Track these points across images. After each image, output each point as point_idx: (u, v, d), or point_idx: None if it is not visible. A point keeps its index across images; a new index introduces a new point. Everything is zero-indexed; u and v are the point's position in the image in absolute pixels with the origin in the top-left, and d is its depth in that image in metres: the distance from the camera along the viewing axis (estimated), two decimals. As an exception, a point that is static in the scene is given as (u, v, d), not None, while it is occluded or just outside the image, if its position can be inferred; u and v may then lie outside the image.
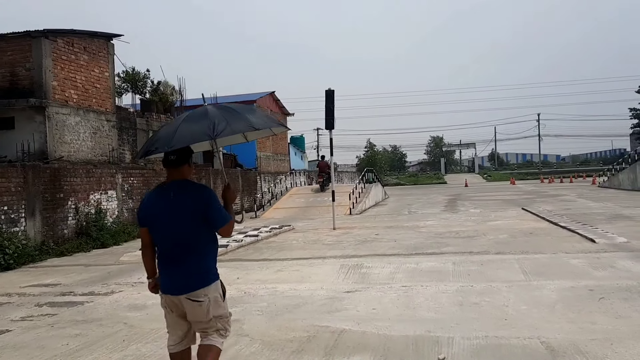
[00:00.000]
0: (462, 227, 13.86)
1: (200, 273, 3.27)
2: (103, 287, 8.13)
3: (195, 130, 3.21)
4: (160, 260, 3.36)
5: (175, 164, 3.31)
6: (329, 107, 14.94)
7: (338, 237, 13.14)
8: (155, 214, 3.31)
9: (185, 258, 3.26)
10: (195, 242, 3.27)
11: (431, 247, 10.54)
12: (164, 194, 3.32)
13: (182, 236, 3.25)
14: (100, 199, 14.55)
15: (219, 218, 3.28)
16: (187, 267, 3.25)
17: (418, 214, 19.25)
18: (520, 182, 52.20)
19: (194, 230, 3.26)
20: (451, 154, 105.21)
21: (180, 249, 3.26)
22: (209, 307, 3.27)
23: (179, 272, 3.26)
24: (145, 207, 3.39)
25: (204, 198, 3.27)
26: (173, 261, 3.27)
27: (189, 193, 3.28)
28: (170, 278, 3.29)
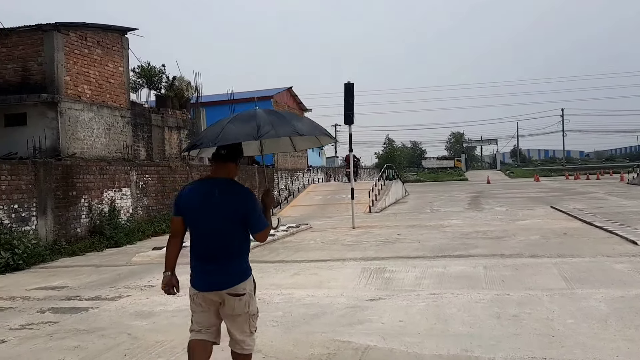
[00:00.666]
0: (489, 227, 13.18)
1: (239, 270, 3.32)
2: (111, 290, 7.69)
3: (241, 130, 3.25)
4: (197, 256, 3.35)
5: (224, 159, 3.34)
6: (348, 101, 14.36)
7: (358, 237, 12.57)
8: (197, 207, 3.29)
9: (225, 256, 3.28)
10: (235, 241, 3.30)
11: (458, 248, 9.92)
12: (208, 188, 3.31)
13: (223, 234, 3.27)
14: (114, 197, 14.18)
15: (258, 224, 3.32)
16: (227, 264, 3.28)
17: (441, 212, 18.57)
18: (544, 178, 50.92)
19: (234, 230, 3.28)
20: (472, 150, 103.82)
21: (221, 246, 3.27)
22: (247, 300, 3.32)
23: (219, 270, 3.27)
24: (186, 198, 3.36)
25: (247, 201, 3.31)
26: (212, 258, 3.28)
27: (233, 193, 3.29)
28: (208, 275, 3.28)
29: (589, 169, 64.41)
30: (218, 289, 3.26)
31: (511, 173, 69.72)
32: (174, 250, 3.45)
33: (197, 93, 20.78)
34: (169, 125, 18.32)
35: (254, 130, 3.19)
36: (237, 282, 3.28)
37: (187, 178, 18.13)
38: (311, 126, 3.63)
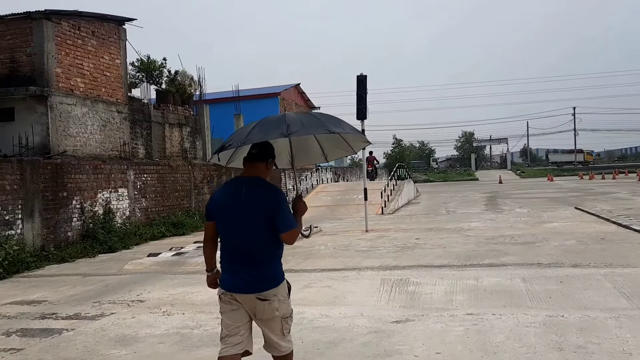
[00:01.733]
0: (514, 230, 12.10)
1: (270, 274, 3.20)
2: (93, 306, 6.69)
3: (270, 129, 3.18)
4: (226, 257, 3.25)
5: (254, 159, 3.26)
6: (360, 94, 13.32)
7: (372, 241, 11.52)
8: (224, 207, 3.21)
9: (255, 258, 3.16)
10: (265, 242, 3.17)
11: (487, 256, 8.85)
12: (235, 188, 3.24)
13: (252, 236, 3.16)
14: (109, 198, 13.22)
15: (286, 223, 3.16)
16: (257, 268, 3.16)
17: (458, 214, 17.48)
18: (557, 178, 49.60)
19: (264, 231, 3.15)
20: (481, 149, 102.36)
21: (250, 248, 3.16)
22: (277, 306, 3.18)
23: (249, 273, 3.15)
24: (215, 200, 3.30)
25: (274, 199, 3.18)
26: (241, 260, 3.18)
27: (260, 192, 3.19)
28: (238, 277, 3.17)
29: (602, 168, 63.00)
30: (246, 291, 3.15)
31: (522, 173, 68.36)
32: (210, 253, 3.39)
33: (200, 89, 19.80)
34: (170, 122, 17.35)
35: (283, 129, 3.09)
36: (267, 287, 3.15)
37: (189, 178, 17.17)
38: (345, 126, 3.43)
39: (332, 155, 4.06)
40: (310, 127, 3.25)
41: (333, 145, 3.85)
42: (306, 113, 3.61)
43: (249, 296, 3.15)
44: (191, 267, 9.14)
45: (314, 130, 3.31)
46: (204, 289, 7.36)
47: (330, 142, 3.79)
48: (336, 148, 3.90)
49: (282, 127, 3.10)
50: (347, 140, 3.74)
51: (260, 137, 3.16)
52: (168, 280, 8.20)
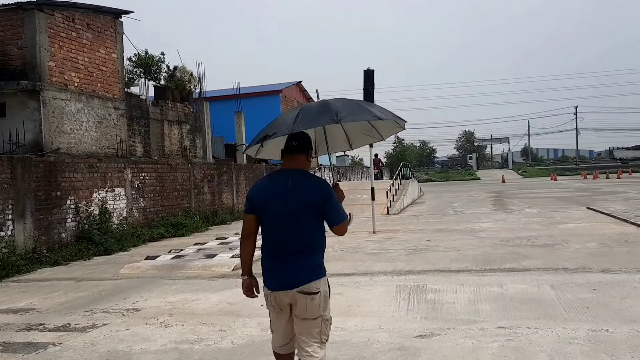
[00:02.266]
0: (530, 232, 11.56)
1: (314, 266, 3.06)
2: (85, 316, 6.13)
3: (318, 116, 3.07)
4: (269, 254, 3.11)
5: (295, 151, 3.11)
6: (367, 89, 12.78)
7: (381, 243, 10.98)
8: (269, 201, 3.06)
9: (300, 251, 3.03)
10: (311, 235, 3.05)
11: (506, 259, 8.31)
12: (279, 181, 3.08)
13: (298, 228, 3.02)
14: (106, 198, 12.66)
15: (337, 215, 3.06)
16: (302, 260, 3.02)
17: (466, 214, 16.94)
18: (560, 178, 49.12)
19: (313, 225, 3.04)
20: (482, 149, 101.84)
21: (295, 241, 3.03)
22: (321, 301, 3.04)
23: (293, 266, 3.01)
24: (257, 194, 3.14)
25: (323, 191, 3.06)
26: (285, 255, 3.04)
27: (308, 184, 3.07)
28: (282, 273, 3.04)
29: (604, 167, 62.51)
30: (289, 287, 3.01)
31: (524, 172, 67.89)
32: (249, 251, 3.22)
33: (200, 85, 19.25)
34: (169, 119, 16.80)
35: (333, 115, 2.99)
36: (310, 279, 3.02)
37: (189, 177, 16.62)
38: (385, 111, 3.33)
39: (357, 143, 3.91)
40: (358, 114, 3.15)
41: (360, 132, 3.71)
42: (344, 98, 3.34)
43: (291, 293, 3.01)
44: (191, 272, 8.60)
45: (361, 117, 3.18)
46: (205, 296, 6.86)
47: (358, 129, 3.65)
48: (363, 135, 3.77)
49: (330, 114, 3.00)
50: (377, 127, 3.63)
51: (309, 125, 3.08)
52: (166, 286, 7.65)
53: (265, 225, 3.11)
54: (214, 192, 18.30)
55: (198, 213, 16.62)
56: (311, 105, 3.29)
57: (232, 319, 5.62)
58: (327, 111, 3.06)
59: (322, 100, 3.32)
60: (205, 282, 7.78)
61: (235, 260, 8.98)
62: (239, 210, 19.85)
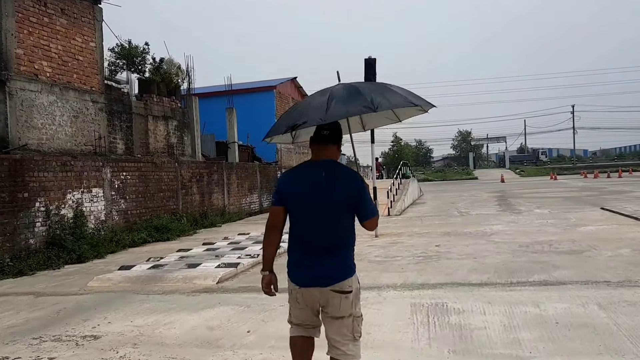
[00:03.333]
0: (548, 235, 10.49)
1: (346, 264, 2.94)
2: (31, 345, 4.98)
3: (351, 104, 2.84)
4: (300, 248, 2.95)
5: (325, 141, 2.96)
6: (369, 79, 11.66)
7: (386, 249, 9.88)
8: (304, 193, 2.89)
9: (333, 249, 2.90)
10: (343, 230, 2.92)
11: (533, 269, 7.22)
12: (312, 172, 2.91)
13: (331, 222, 2.89)
14: (81, 200, 11.50)
15: (370, 209, 2.95)
16: (336, 256, 2.90)
17: (472, 215, 15.87)
18: (560, 177, 48.22)
19: (342, 218, 2.90)
20: (479, 148, 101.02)
21: (328, 236, 2.89)
22: (354, 298, 2.93)
23: (323, 263, 2.88)
24: (289, 185, 2.97)
25: (358, 185, 2.92)
26: (317, 250, 2.89)
27: (342, 177, 2.91)
28: (311, 269, 2.89)
29: (601, 167, 61.91)
30: (322, 285, 2.87)
31: (522, 172, 67.09)
32: (273, 245, 3.02)
33: (189, 79, 18.08)
34: (154, 114, 15.63)
35: (367, 102, 2.78)
36: (344, 277, 2.88)
37: (175, 176, 15.47)
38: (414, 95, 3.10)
39: (370, 124, 3.74)
40: (392, 98, 2.94)
41: (374, 116, 3.39)
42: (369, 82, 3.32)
43: (324, 290, 2.88)
44: (169, 285, 7.46)
45: (396, 102, 2.96)
46: (181, 318, 5.70)
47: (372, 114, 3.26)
48: (378, 116, 3.49)
49: (366, 100, 2.79)
50: (397, 110, 3.34)
51: (342, 114, 2.86)
52: (137, 303, 6.51)
53: (298, 218, 2.95)
54: (203, 192, 17.16)
55: (185, 215, 15.49)
56: (338, 89, 2.99)
57: (210, 352, 4.48)
58: (359, 97, 2.84)
59: (351, 85, 3.02)
60: (184, 299, 6.64)
61: (221, 271, 7.85)
62: (229, 212, 18.72)
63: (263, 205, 21.78)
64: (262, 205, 21.78)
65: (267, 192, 22.38)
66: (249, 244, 10.80)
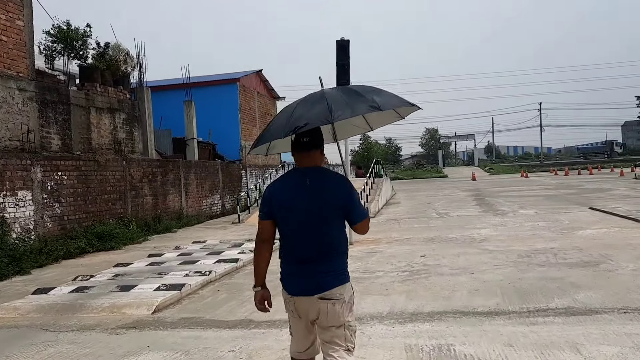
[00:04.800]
0: (546, 242, 9.20)
1: (337, 271, 2.81)
2: None
3: (311, 113, 2.73)
4: (292, 258, 2.84)
5: (309, 147, 2.84)
6: (342, 64, 10.17)
7: (364, 260, 8.41)
8: (290, 203, 2.79)
9: (324, 255, 2.77)
10: (335, 237, 2.81)
11: (548, 290, 5.83)
12: (297, 181, 2.82)
13: (322, 230, 2.76)
14: (4, 204, 9.69)
15: (360, 212, 2.86)
16: (325, 265, 2.77)
17: (453, 217, 14.56)
18: (530, 174, 47.82)
19: (335, 224, 2.80)
20: (447, 146, 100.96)
21: (318, 245, 2.77)
22: (344, 307, 2.80)
23: (315, 271, 2.76)
24: (276, 196, 2.84)
25: (346, 188, 2.84)
26: (308, 259, 2.77)
27: (328, 181, 2.84)
28: (303, 278, 2.79)
29: (568, 164, 62.19)
30: (310, 293, 2.76)
31: (491, 169, 66.94)
32: (265, 260, 2.90)
33: (140, 67, 16.25)
34: (97, 105, 13.79)
35: (326, 112, 2.67)
36: (333, 285, 2.77)
37: (123, 176, 13.70)
38: (391, 97, 2.94)
39: (377, 124, 3.51)
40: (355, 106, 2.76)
41: (377, 114, 3.07)
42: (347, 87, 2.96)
43: (312, 299, 2.75)
44: (90, 316, 5.80)
45: (359, 110, 2.80)
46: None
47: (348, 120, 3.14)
48: (381, 117, 3.27)
49: (325, 109, 2.67)
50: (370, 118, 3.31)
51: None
52: (39, 347, 4.85)
53: (287, 229, 2.82)
54: (157, 194, 15.41)
55: (135, 220, 13.73)
56: (307, 99, 2.88)
57: None
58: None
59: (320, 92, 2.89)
60: (104, 339, 5.01)
61: (160, 296, 6.23)
62: (188, 215, 16.99)
63: (226, 207, 20.09)
64: (225, 207, 20.09)
65: (230, 193, 20.69)
66: (201, 256, 9.17)
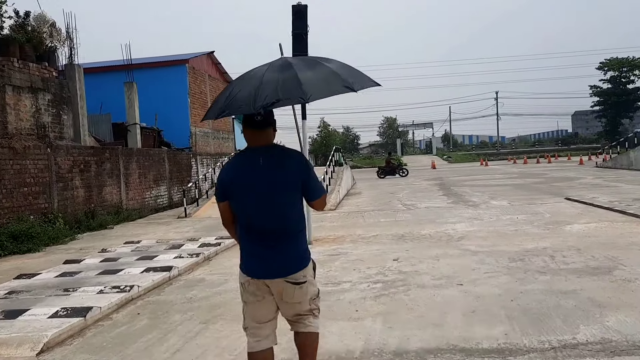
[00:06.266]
0: (534, 240, 8.01)
1: (298, 254, 2.81)
2: None
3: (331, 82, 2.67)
4: (248, 239, 2.81)
5: (261, 125, 2.77)
6: (299, 34, 8.65)
7: (325, 265, 6.97)
8: (243, 184, 2.74)
9: (282, 237, 2.76)
10: (292, 217, 2.78)
11: (565, 311, 4.53)
12: (250, 160, 2.76)
13: (281, 212, 2.74)
14: None
15: (317, 187, 2.83)
16: (285, 247, 2.77)
17: (422, 210, 13.31)
18: (490, 163, 47.63)
19: (290, 203, 2.77)
20: (405, 135, 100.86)
21: (276, 225, 2.74)
22: (307, 288, 2.84)
23: (276, 253, 2.75)
24: (227, 177, 2.81)
25: (301, 164, 2.78)
26: (267, 240, 2.75)
27: (282, 159, 2.76)
28: (264, 260, 2.76)
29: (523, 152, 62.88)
30: (275, 276, 2.75)
31: (449, 158, 67.01)
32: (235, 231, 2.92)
33: (70, 43, 14.27)
34: (14, 83, 11.82)
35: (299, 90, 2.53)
36: (297, 268, 2.78)
37: (47, 165, 11.84)
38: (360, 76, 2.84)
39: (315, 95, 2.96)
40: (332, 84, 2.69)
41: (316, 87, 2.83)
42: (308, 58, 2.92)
43: (277, 281, 2.75)
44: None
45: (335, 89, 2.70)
46: None
47: None
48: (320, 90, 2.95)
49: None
50: None
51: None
52: None
53: (243, 209, 2.78)
54: (91, 185, 13.57)
55: (63, 216, 11.93)
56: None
57: None
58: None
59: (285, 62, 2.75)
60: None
61: (54, 326, 4.62)
62: (128, 209, 15.20)
63: (173, 199, 18.32)
64: (172, 199, 18.32)
65: (178, 183, 18.91)
66: (129, 263, 7.54)
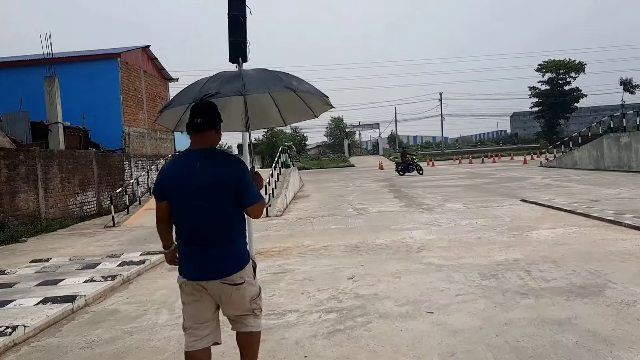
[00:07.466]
0: (501, 250, 7.18)
1: (235, 256, 2.82)
2: None
3: (225, 87, 2.84)
4: (184, 241, 2.85)
5: (201, 128, 2.83)
6: (236, 17, 7.42)
7: (269, 290, 5.84)
8: (180, 186, 2.80)
9: (218, 239, 2.79)
10: (227, 220, 2.80)
11: (568, 351, 3.60)
12: (188, 163, 2.81)
13: (213, 213, 2.77)
14: None
15: (252, 195, 2.83)
16: (221, 250, 2.79)
17: (374, 214, 12.35)
18: (436, 163, 47.70)
19: (227, 208, 2.78)
20: (352, 135, 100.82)
21: (211, 228, 2.78)
22: (245, 289, 2.85)
23: (211, 256, 2.78)
24: (166, 178, 2.87)
25: (238, 170, 2.82)
26: (202, 243, 2.78)
27: (219, 163, 2.80)
28: (199, 262, 2.79)
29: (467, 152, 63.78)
30: (210, 278, 2.78)
31: (396, 158, 66.91)
32: (164, 232, 3.00)
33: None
34: None
35: (239, 85, 2.81)
36: (233, 270, 2.80)
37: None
38: (308, 85, 3.13)
39: (291, 119, 3.75)
40: (270, 83, 2.98)
41: (292, 107, 3.49)
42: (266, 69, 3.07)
43: (214, 282, 2.77)
44: None
45: (274, 87, 3.00)
46: None
47: (289, 104, 3.45)
48: (295, 110, 3.55)
49: (239, 84, 2.82)
50: (307, 102, 3.40)
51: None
52: None
53: (179, 210, 2.81)
54: (1, 193, 11.87)
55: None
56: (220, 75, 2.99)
57: None
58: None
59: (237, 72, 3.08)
60: None
61: None
62: (48, 218, 13.51)
63: (102, 206, 16.65)
64: (102, 205, 16.65)
65: (109, 188, 17.24)
66: (26, 289, 6.13)
